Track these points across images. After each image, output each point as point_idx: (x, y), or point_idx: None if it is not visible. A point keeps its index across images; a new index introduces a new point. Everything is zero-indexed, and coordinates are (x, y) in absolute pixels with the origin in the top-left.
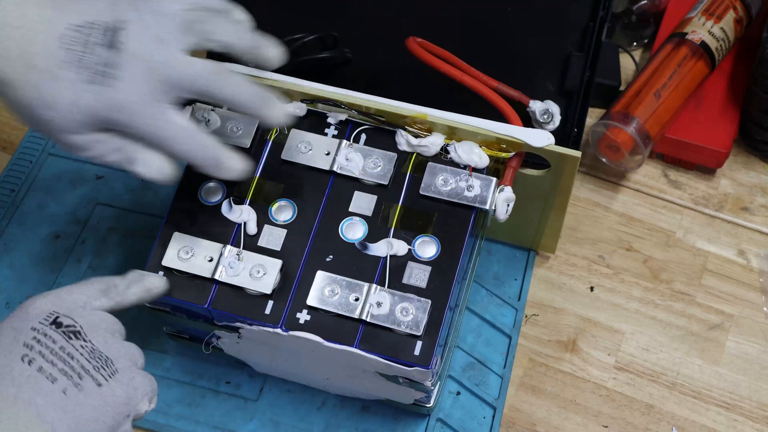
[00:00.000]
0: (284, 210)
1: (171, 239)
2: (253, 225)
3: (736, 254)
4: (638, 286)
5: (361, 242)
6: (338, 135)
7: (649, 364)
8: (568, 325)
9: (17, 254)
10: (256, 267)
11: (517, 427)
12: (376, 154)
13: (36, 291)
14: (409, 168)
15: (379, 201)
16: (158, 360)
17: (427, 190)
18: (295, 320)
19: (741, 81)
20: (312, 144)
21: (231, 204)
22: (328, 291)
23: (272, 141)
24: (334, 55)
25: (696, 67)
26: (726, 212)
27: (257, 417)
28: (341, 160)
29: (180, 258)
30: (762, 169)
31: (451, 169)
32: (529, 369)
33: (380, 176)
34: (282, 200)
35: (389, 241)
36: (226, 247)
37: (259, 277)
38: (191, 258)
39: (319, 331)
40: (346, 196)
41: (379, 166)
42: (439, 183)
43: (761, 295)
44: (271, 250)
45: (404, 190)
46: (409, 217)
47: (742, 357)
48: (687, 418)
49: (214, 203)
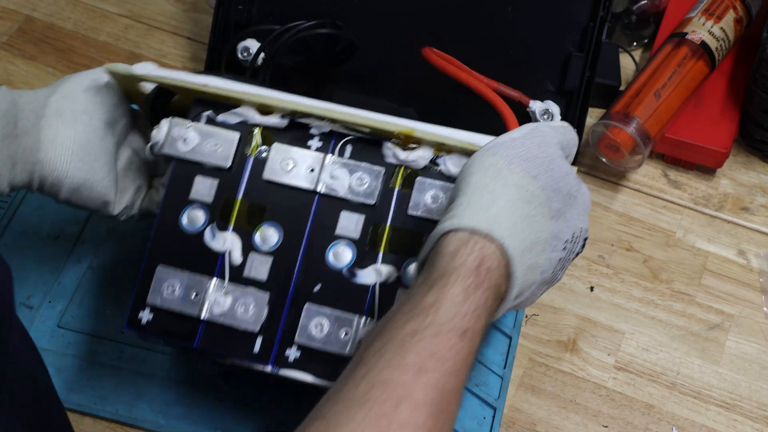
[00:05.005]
0: (269, 235)
1: (155, 274)
2: (238, 254)
3: (736, 254)
4: (638, 286)
5: (349, 269)
6: (322, 147)
7: (649, 363)
8: (568, 325)
9: (17, 254)
10: (242, 302)
11: (517, 427)
12: (363, 169)
13: (36, 291)
14: (397, 183)
15: (367, 221)
16: (158, 360)
17: (416, 209)
18: (284, 358)
19: (741, 81)
20: (295, 160)
21: (214, 232)
22: (316, 327)
23: (253, 157)
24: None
25: (696, 67)
26: (726, 212)
27: (257, 418)
28: (326, 179)
29: (164, 296)
30: (762, 168)
31: (440, 184)
32: (529, 369)
33: (367, 195)
34: (266, 224)
35: (377, 269)
36: (211, 281)
37: (247, 313)
38: (176, 294)
39: (310, 367)
40: (333, 216)
41: (366, 182)
42: (429, 200)
43: (761, 295)
44: (257, 281)
45: (392, 208)
46: (398, 238)
47: (742, 357)
48: (687, 418)
49: (196, 231)
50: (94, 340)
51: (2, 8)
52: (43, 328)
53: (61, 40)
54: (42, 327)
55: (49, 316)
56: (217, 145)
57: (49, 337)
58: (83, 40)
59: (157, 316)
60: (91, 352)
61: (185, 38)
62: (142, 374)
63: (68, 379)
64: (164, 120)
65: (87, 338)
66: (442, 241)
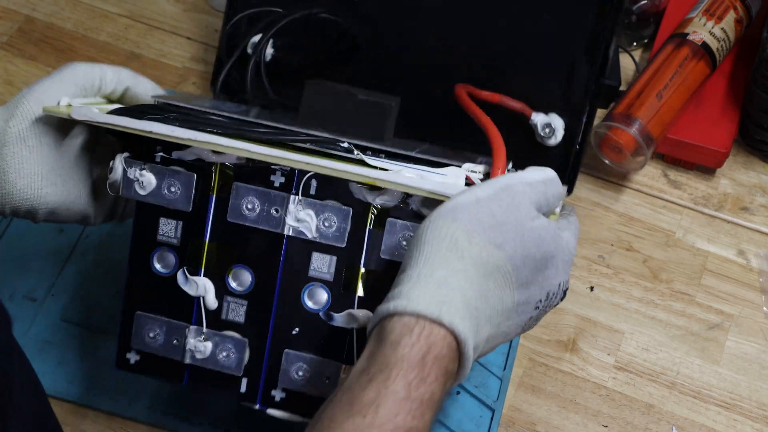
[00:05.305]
0: (242, 277)
1: (134, 320)
2: (212, 298)
3: (735, 254)
4: (638, 285)
5: (326, 312)
6: (286, 183)
7: (649, 363)
8: (568, 325)
9: (21, 247)
10: (222, 348)
11: (517, 427)
12: (330, 209)
13: (39, 284)
14: (368, 223)
15: (340, 262)
16: None
17: (389, 254)
18: (270, 398)
19: (741, 81)
20: (257, 202)
21: (186, 275)
22: (297, 373)
23: (215, 196)
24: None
25: (697, 68)
26: (726, 212)
27: (256, 418)
28: (292, 221)
29: (146, 342)
30: (762, 168)
31: (413, 225)
32: (529, 369)
33: (336, 238)
34: (237, 266)
35: (353, 315)
36: (190, 328)
37: (229, 358)
38: (158, 341)
39: (297, 408)
40: (304, 257)
41: (334, 224)
42: (402, 242)
43: (761, 295)
44: (235, 323)
45: (365, 250)
46: (373, 280)
47: (742, 357)
48: (686, 418)
49: (168, 273)
50: (95, 335)
51: (2, 8)
52: (45, 320)
53: (62, 40)
54: (45, 320)
55: (52, 309)
56: (175, 188)
57: (52, 330)
58: (83, 40)
59: (143, 358)
60: (93, 346)
61: (185, 38)
62: None
63: (69, 372)
64: (117, 158)
65: (89, 332)
66: (386, 324)
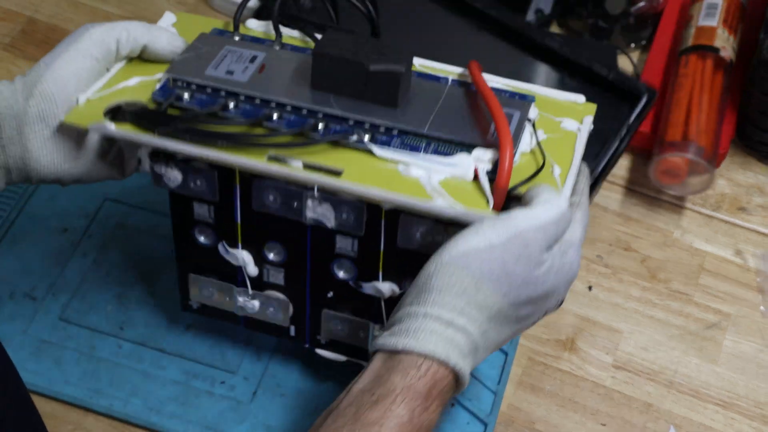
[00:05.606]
0: (276, 251)
1: (188, 280)
2: (252, 267)
3: (733, 254)
4: (636, 285)
5: (356, 282)
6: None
7: (647, 362)
8: (566, 324)
9: (24, 245)
10: (269, 305)
11: (516, 426)
12: (346, 204)
13: (40, 283)
14: (383, 216)
15: (361, 245)
16: (155, 358)
17: (406, 244)
18: (317, 340)
19: (738, 82)
20: (278, 195)
21: (226, 248)
22: (337, 327)
23: (239, 187)
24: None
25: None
26: (723, 212)
27: (249, 419)
28: (311, 215)
29: (204, 296)
30: (759, 169)
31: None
32: (528, 368)
33: (354, 227)
34: (271, 242)
35: (377, 287)
36: (237, 289)
37: (276, 313)
38: (213, 298)
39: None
40: (329, 238)
41: (352, 217)
42: (417, 237)
43: (758, 295)
44: (277, 285)
45: (382, 238)
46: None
47: (739, 356)
48: (685, 417)
49: (210, 245)
50: (93, 335)
51: (5, 10)
52: (45, 319)
53: None
54: (44, 318)
55: (52, 308)
56: (200, 182)
57: (51, 329)
58: None
59: (202, 306)
60: (90, 346)
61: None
62: (138, 371)
63: (65, 372)
64: (143, 156)
65: (87, 332)
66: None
